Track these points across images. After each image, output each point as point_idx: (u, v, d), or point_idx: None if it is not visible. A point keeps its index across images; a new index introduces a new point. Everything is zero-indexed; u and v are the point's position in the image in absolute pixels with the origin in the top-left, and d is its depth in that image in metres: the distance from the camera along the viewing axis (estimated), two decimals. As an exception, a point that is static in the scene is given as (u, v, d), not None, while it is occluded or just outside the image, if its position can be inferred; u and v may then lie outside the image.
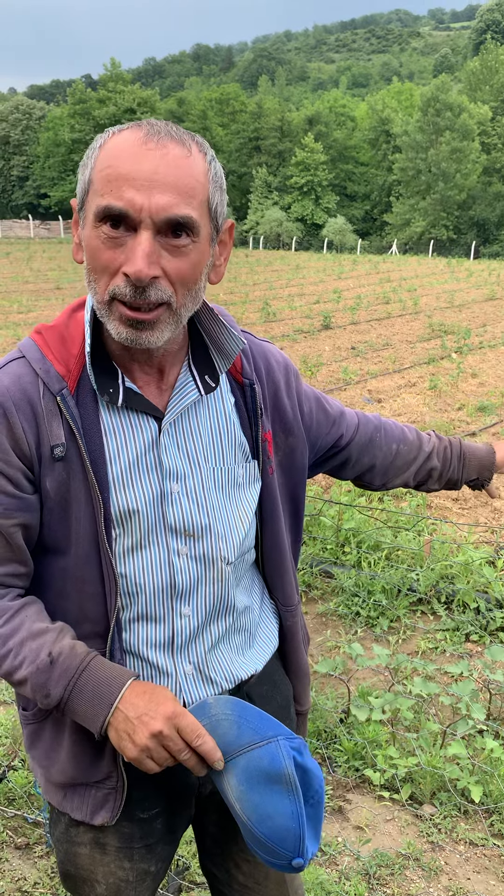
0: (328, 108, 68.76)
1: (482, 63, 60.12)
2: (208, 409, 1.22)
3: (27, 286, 21.55)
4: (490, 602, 3.99)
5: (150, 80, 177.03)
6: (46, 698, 1.11)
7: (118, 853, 1.28)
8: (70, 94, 66.72)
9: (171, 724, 1.07)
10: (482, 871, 2.42)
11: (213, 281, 1.15)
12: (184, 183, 1.02)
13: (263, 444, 1.26)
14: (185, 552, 1.19)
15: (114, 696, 1.09)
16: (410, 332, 14.46)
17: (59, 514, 1.14)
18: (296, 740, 1.08)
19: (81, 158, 1.12)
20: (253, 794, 1.08)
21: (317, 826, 1.10)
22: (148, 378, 1.18)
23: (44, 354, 1.14)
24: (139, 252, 1.00)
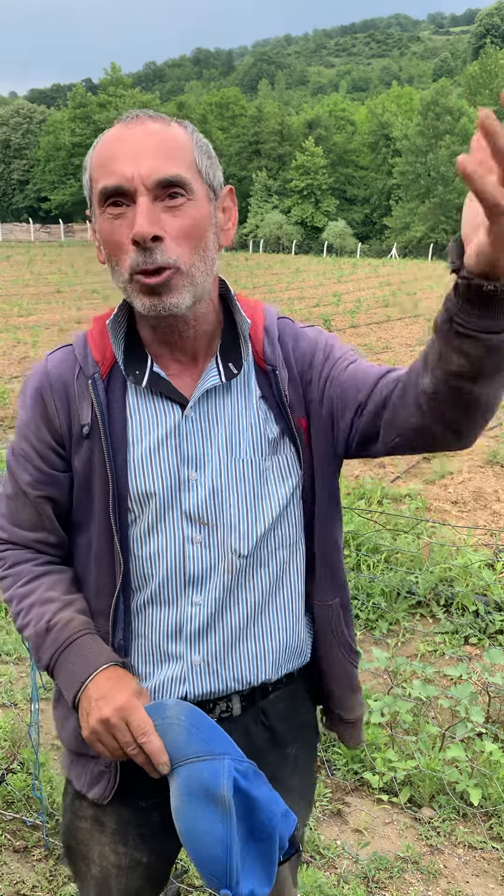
0: (328, 112, 68.91)
1: (482, 67, 60.27)
2: (234, 399, 1.22)
3: (28, 289, 21.58)
4: (489, 605, 3.99)
5: (151, 84, 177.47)
6: (39, 662, 1.22)
7: (114, 835, 1.31)
8: (70, 98, 66.91)
9: (119, 715, 1.10)
10: (481, 874, 2.42)
11: (223, 243, 1.18)
12: (167, 146, 1.08)
13: (299, 432, 1.24)
14: (198, 540, 1.20)
15: (86, 675, 1.15)
16: (410, 336, 14.47)
17: (84, 491, 1.22)
18: (244, 764, 1.05)
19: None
20: (188, 808, 1.06)
21: (265, 864, 1.05)
22: (181, 366, 1.21)
23: (87, 342, 1.23)
24: (139, 214, 1.06)
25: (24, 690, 3.25)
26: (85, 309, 17.42)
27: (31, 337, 13.01)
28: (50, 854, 2.41)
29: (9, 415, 8.23)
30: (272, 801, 1.05)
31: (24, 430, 1.24)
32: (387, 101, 66.18)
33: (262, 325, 1.25)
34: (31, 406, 1.23)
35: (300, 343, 1.27)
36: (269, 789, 1.07)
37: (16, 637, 3.66)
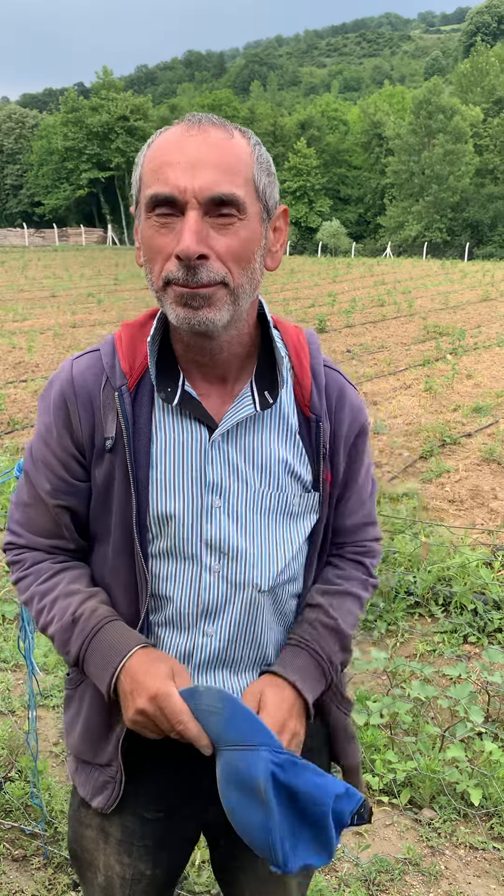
0: (320, 112, 68.95)
1: (473, 65, 60.33)
2: (269, 431, 1.19)
3: (22, 294, 21.55)
4: (487, 604, 3.98)
5: (143, 87, 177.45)
6: (67, 655, 1.18)
7: (119, 846, 1.29)
8: (63, 102, 66.84)
9: (154, 704, 1.08)
10: (482, 875, 2.41)
11: (269, 267, 1.14)
12: (226, 162, 1.03)
13: (324, 483, 1.23)
14: (216, 570, 1.18)
15: (117, 662, 1.12)
16: (405, 335, 14.47)
17: (102, 504, 1.19)
18: (282, 755, 1.02)
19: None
20: (229, 791, 1.06)
21: (321, 841, 1.03)
22: (210, 387, 1.18)
23: (115, 350, 1.18)
24: (186, 230, 1.01)
25: (21, 698, 3.23)
26: (80, 313, 17.40)
27: (27, 342, 12.99)
28: (49, 863, 2.40)
29: (4, 419, 8.21)
30: (320, 788, 1.02)
31: (46, 437, 1.20)
32: (379, 100, 66.23)
33: (308, 366, 1.22)
34: (54, 413, 1.19)
35: (343, 404, 1.24)
36: (315, 775, 1.03)
37: (13, 644, 3.64)
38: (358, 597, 1.31)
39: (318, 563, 1.30)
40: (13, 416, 8.34)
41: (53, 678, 3.40)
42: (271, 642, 1.25)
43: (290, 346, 1.22)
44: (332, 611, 1.24)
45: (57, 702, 3.23)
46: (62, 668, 3.47)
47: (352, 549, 1.35)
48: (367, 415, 1.30)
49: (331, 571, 1.32)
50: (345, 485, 1.28)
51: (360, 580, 1.33)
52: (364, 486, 1.32)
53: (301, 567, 1.27)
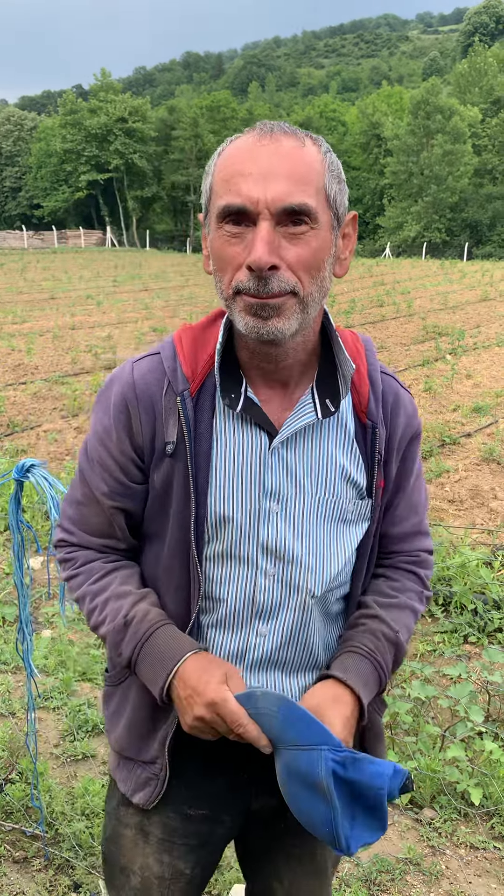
0: (319, 113, 68.98)
1: (471, 65, 60.33)
2: (328, 437, 1.20)
3: (22, 297, 21.56)
4: (487, 603, 3.98)
5: (141, 88, 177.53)
6: (119, 657, 1.20)
7: (160, 844, 1.30)
8: (61, 104, 66.84)
9: (212, 711, 1.09)
10: (483, 874, 2.41)
11: (338, 274, 1.15)
12: (299, 171, 1.03)
13: (377, 490, 1.23)
14: (272, 573, 1.19)
15: (170, 668, 1.14)
16: (405, 335, 14.48)
17: (160, 506, 1.20)
18: (342, 753, 1.04)
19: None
20: (290, 787, 1.09)
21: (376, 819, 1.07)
22: (271, 392, 1.18)
23: (177, 354, 1.19)
24: (258, 241, 1.02)
25: (21, 700, 3.23)
26: (79, 315, 17.41)
27: (26, 344, 13.00)
28: (49, 864, 2.40)
29: (4, 421, 8.22)
30: (377, 776, 1.05)
31: (104, 438, 1.21)
32: (377, 100, 66.23)
33: (366, 373, 1.23)
34: (115, 416, 1.19)
35: (399, 411, 1.25)
36: (371, 764, 1.05)
37: (12, 646, 3.64)
38: (415, 611, 1.31)
39: (368, 570, 1.30)
40: (13, 418, 8.35)
41: (53, 680, 3.40)
42: (321, 644, 1.27)
43: (347, 352, 1.22)
44: (393, 623, 1.25)
45: (57, 703, 3.23)
46: (62, 670, 3.47)
47: (404, 558, 1.34)
48: (420, 421, 1.31)
49: (385, 583, 1.32)
50: (395, 491, 1.29)
51: (417, 592, 1.32)
52: (414, 493, 1.32)
53: (350, 573, 1.28)
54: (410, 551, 1.34)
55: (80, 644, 3.73)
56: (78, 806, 2.59)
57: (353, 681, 1.17)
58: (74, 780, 2.77)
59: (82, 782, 2.69)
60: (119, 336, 14.06)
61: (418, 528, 1.33)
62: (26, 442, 7.46)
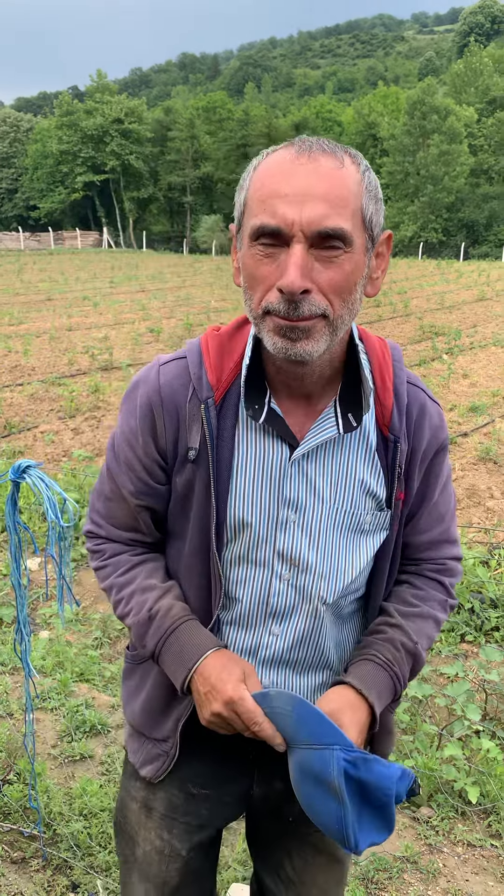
0: (315, 113, 69.09)
1: (466, 65, 60.43)
2: (349, 450, 1.20)
3: (18, 298, 21.55)
4: (484, 602, 3.99)
5: (137, 89, 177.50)
6: (143, 648, 1.25)
7: (161, 820, 1.36)
8: (57, 105, 66.84)
9: (229, 708, 1.13)
10: (480, 872, 2.42)
11: (369, 294, 1.14)
12: (335, 194, 1.02)
13: (397, 502, 1.23)
14: (286, 578, 1.22)
15: (192, 662, 1.18)
16: (402, 335, 14.49)
17: (181, 508, 1.24)
18: (354, 753, 1.06)
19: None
20: (303, 785, 1.12)
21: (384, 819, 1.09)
22: (294, 405, 1.19)
23: (203, 360, 1.20)
24: (291, 265, 1.01)
25: (19, 700, 3.23)
26: (76, 316, 17.41)
27: (23, 345, 12.99)
28: (48, 864, 2.40)
29: (1, 422, 8.21)
30: (386, 778, 1.07)
31: (131, 439, 1.24)
32: (373, 101, 66.27)
33: (391, 386, 1.21)
34: (140, 418, 1.22)
35: (423, 423, 1.24)
36: (382, 766, 1.08)
37: (10, 647, 3.64)
38: (437, 620, 1.31)
39: (389, 579, 1.31)
40: (9, 419, 8.34)
41: (51, 681, 3.41)
42: (332, 646, 1.29)
43: (373, 361, 1.21)
44: (413, 634, 1.25)
45: (55, 704, 3.23)
46: (60, 671, 3.47)
47: (430, 566, 1.34)
48: (447, 433, 1.30)
49: (408, 590, 1.32)
50: (420, 501, 1.28)
51: (440, 601, 1.32)
52: (440, 504, 1.31)
53: (365, 580, 1.29)
54: (436, 559, 1.34)
55: (78, 645, 3.73)
56: (76, 806, 2.59)
57: (369, 691, 1.18)
58: (72, 780, 2.78)
59: (80, 783, 2.69)
60: (116, 337, 14.06)
61: (444, 536, 1.33)
62: (23, 443, 7.46)
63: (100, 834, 2.49)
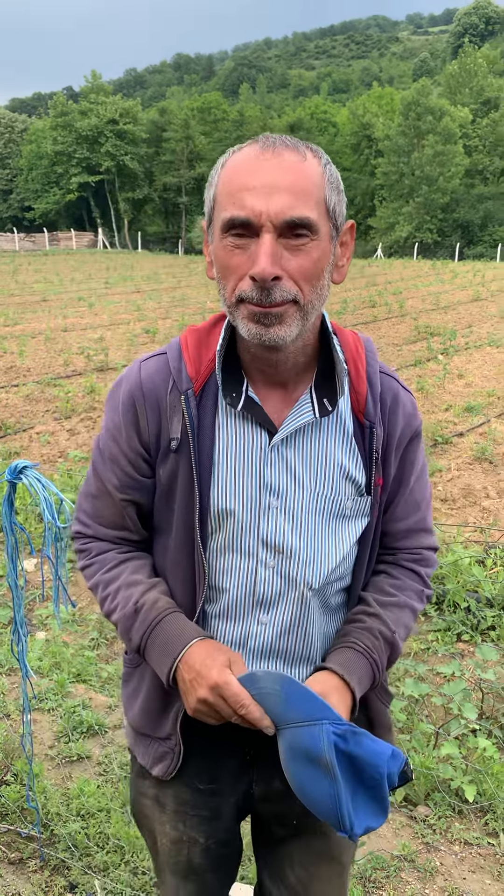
0: (310, 114, 69.08)
1: (461, 66, 60.51)
2: (326, 436, 1.24)
3: (13, 299, 21.51)
4: (480, 601, 4.00)
5: (132, 90, 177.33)
6: (129, 642, 1.26)
7: (174, 815, 1.38)
8: (52, 106, 66.71)
9: (215, 693, 1.13)
10: (477, 870, 2.42)
11: (336, 280, 1.19)
12: (300, 185, 1.08)
13: (375, 488, 1.27)
14: (271, 565, 1.24)
15: (177, 653, 1.19)
16: (397, 335, 14.51)
17: (165, 500, 1.27)
18: (343, 726, 1.07)
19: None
20: (294, 766, 1.12)
21: (378, 802, 1.10)
22: (271, 392, 1.23)
23: (182, 354, 1.25)
24: (262, 253, 1.07)
25: (16, 701, 3.23)
26: (71, 317, 17.39)
27: (18, 346, 12.97)
28: (45, 865, 2.40)
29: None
30: (376, 754, 1.08)
31: (115, 434, 1.28)
32: (368, 101, 66.33)
33: (365, 374, 1.26)
34: (123, 413, 1.26)
35: (397, 410, 1.28)
36: (372, 741, 1.08)
37: (7, 648, 3.64)
38: (414, 610, 1.33)
39: (368, 566, 1.34)
40: (5, 420, 8.33)
41: (48, 682, 3.40)
42: (319, 636, 1.31)
43: (347, 353, 1.26)
44: (391, 624, 1.27)
45: (52, 705, 3.23)
46: (57, 672, 3.47)
47: (406, 555, 1.37)
48: (421, 420, 1.34)
49: (386, 580, 1.34)
50: (396, 488, 1.32)
51: (416, 591, 1.35)
52: (416, 491, 1.34)
53: (350, 568, 1.32)
54: (413, 548, 1.36)
55: (75, 646, 3.73)
56: (73, 807, 2.59)
57: (351, 677, 1.20)
58: (70, 781, 2.78)
59: (77, 783, 2.69)
60: (111, 338, 14.05)
61: (421, 525, 1.36)
62: (19, 444, 7.45)
63: (97, 834, 2.49)
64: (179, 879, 1.43)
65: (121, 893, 2.27)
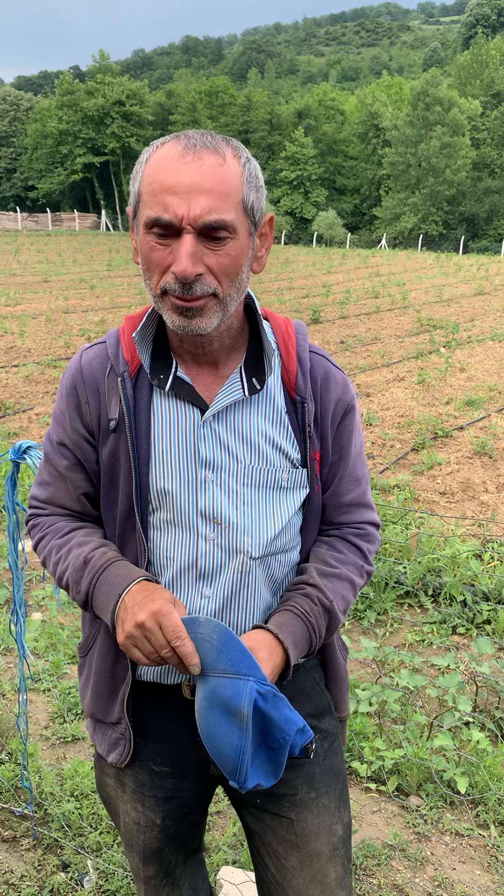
0: (318, 101, 68.64)
1: (472, 57, 60.12)
2: (259, 411, 1.30)
3: (14, 279, 21.41)
4: (476, 595, 4.01)
5: (139, 71, 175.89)
6: (78, 594, 1.28)
7: (133, 794, 1.43)
8: (58, 85, 66.25)
9: (154, 619, 1.15)
10: (468, 861, 2.44)
11: (255, 270, 1.26)
12: (219, 189, 1.13)
13: (312, 462, 1.33)
14: (211, 538, 1.28)
15: (122, 589, 1.21)
16: (399, 327, 14.49)
17: (108, 481, 1.32)
18: (266, 687, 1.11)
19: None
20: (209, 713, 1.15)
21: (274, 765, 1.15)
22: (200, 370, 1.30)
23: (119, 341, 1.32)
24: (183, 253, 1.12)
25: (12, 681, 3.24)
26: (72, 299, 17.32)
27: (19, 327, 12.92)
28: (38, 844, 2.41)
29: (-4, 405, 8.18)
30: (289, 721, 1.13)
31: (61, 419, 1.35)
32: (377, 90, 65.91)
33: (295, 353, 1.33)
34: (66, 399, 1.33)
35: (329, 386, 1.35)
36: (289, 710, 1.13)
37: (3, 628, 3.64)
38: (354, 584, 1.37)
39: (311, 538, 1.39)
40: (4, 400, 8.31)
41: (44, 662, 3.41)
42: (262, 610, 1.34)
43: (278, 335, 1.34)
44: (329, 593, 1.31)
45: (47, 685, 3.24)
46: (52, 653, 3.48)
47: (350, 530, 1.42)
48: (354, 394, 1.39)
49: (329, 553, 1.38)
50: (337, 461, 1.38)
51: (357, 566, 1.39)
52: (357, 464, 1.40)
53: (293, 539, 1.36)
54: (356, 523, 1.42)
55: (71, 627, 3.73)
56: (67, 787, 2.60)
57: (285, 637, 1.24)
58: (64, 761, 2.78)
59: (72, 764, 2.70)
60: (113, 320, 14.00)
61: (363, 500, 1.42)
62: (18, 424, 7.43)
63: (90, 815, 2.50)
64: (139, 861, 1.48)
65: (113, 874, 2.28)
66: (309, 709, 1.41)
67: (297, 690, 1.40)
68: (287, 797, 1.37)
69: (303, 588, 1.32)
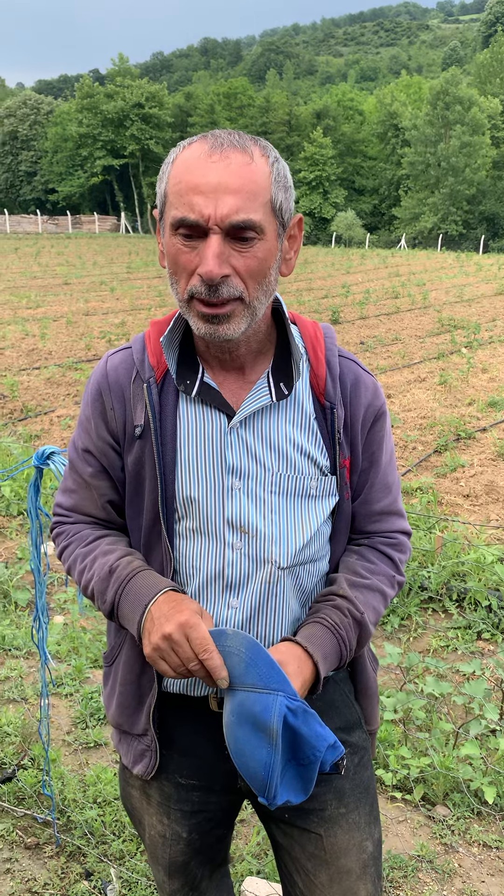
0: (336, 101, 68.44)
1: (492, 55, 59.63)
2: (287, 417, 1.27)
3: (35, 281, 21.55)
4: (502, 600, 3.95)
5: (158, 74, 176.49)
6: (104, 604, 1.26)
7: (159, 807, 1.40)
8: (78, 88, 66.62)
9: (181, 631, 1.12)
10: (496, 873, 2.39)
11: (283, 273, 1.23)
12: (247, 189, 1.10)
13: (341, 470, 1.29)
14: (238, 547, 1.25)
15: (148, 600, 1.18)
16: (420, 327, 14.38)
17: (134, 488, 1.29)
18: (296, 703, 1.08)
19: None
20: (238, 729, 1.12)
21: (304, 781, 1.12)
22: (227, 375, 1.27)
23: (145, 346, 1.30)
24: (209, 254, 1.10)
25: (34, 686, 3.23)
26: (93, 301, 17.39)
27: (40, 329, 12.99)
28: (61, 851, 2.40)
29: (18, 406, 8.22)
30: (319, 737, 1.10)
31: (86, 425, 1.33)
32: (396, 90, 65.57)
33: (323, 357, 1.30)
34: (91, 404, 1.31)
35: (359, 391, 1.31)
36: (320, 726, 1.10)
37: (25, 631, 3.64)
38: (385, 594, 1.34)
39: (341, 547, 1.36)
40: (26, 403, 8.35)
41: (66, 666, 3.40)
42: (291, 622, 1.30)
43: (306, 339, 1.31)
44: (360, 605, 1.28)
45: (69, 690, 3.23)
46: (74, 657, 3.47)
47: (381, 539, 1.39)
48: (384, 400, 1.36)
49: (359, 562, 1.35)
50: (368, 469, 1.34)
51: (388, 576, 1.36)
52: (388, 471, 1.37)
53: (322, 548, 1.33)
54: (387, 532, 1.38)
55: (93, 631, 3.72)
56: (90, 794, 2.59)
57: (315, 650, 1.20)
58: (86, 767, 2.77)
59: (94, 770, 2.69)
60: (133, 323, 14.03)
61: (394, 507, 1.38)
62: (39, 427, 7.46)
63: (114, 822, 2.48)
64: (165, 875, 1.45)
65: (136, 883, 2.26)
66: (339, 722, 1.37)
67: (327, 703, 1.36)
68: (316, 812, 1.34)
69: (333, 599, 1.28)
